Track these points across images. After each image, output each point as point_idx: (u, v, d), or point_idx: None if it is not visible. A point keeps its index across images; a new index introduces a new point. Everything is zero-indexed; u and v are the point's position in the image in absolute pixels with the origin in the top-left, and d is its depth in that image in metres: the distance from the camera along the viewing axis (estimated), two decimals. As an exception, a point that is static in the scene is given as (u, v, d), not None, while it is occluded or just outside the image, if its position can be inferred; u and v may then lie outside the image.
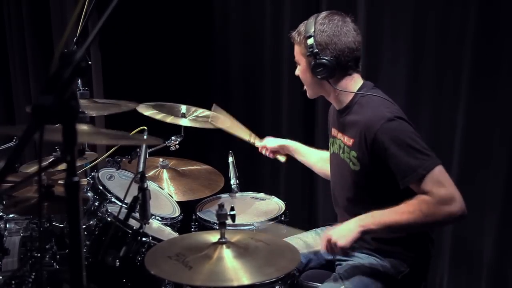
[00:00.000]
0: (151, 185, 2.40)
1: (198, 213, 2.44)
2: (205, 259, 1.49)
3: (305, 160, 2.37)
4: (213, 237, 1.59)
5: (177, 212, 2.45)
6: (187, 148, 2.70)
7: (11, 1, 4.00)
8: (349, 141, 1.88)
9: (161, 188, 2.54)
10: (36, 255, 2.27)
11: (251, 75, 3.34)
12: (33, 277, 2.17)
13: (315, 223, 3.07)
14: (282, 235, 2.18)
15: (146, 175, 1.81)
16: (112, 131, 1.69)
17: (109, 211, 2.11)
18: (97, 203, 2.21)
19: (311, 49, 1.84)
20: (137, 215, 1.80)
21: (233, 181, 2.59)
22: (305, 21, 1.91)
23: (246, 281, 1.40)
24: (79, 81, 2.39)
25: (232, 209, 1.64)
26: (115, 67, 3.47)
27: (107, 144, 2.58)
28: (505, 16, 2.32)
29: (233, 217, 1.65)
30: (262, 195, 2.65)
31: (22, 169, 2.49)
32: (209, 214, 2.43)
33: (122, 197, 2.06)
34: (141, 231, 1.88)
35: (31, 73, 4.01)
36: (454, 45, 2.46)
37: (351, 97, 1.89)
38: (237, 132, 2.45)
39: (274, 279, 1.81)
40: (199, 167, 2.81)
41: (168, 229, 2.32)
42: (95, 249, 2.02)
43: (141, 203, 1.75)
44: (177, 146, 2.62)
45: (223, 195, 2.63)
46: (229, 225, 1.68)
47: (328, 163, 2.16)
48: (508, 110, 2.37)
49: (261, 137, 2.45)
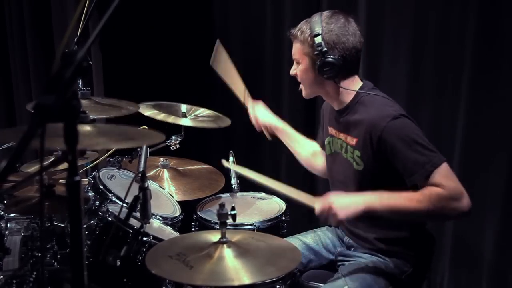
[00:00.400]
0: (152, 185, 2.41)
1: (198, 213, 2.44)
2: (205, 258, 1.49)
3: (292, 145, 2.29)
4: (214, 236, 1.59)
5: (177, 211, 2.45)
6: (187, 147, 2.70)
7: (12, 1, 4.01)
8: (352, 141, 1.87)
9: (161, 187, 2.54)
10: (37, 254, 2.27)
11: (251, 75, 3.33)
12: (34, 276, 2.17)
13: (315, 223, 3.07)
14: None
15: (146, 175, 1.81)
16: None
17: (110, 210, 2.11)
18: (98, 203, 2.22)
19: (319, 48, 1.79)
20: (137, 214, 1.80)
21: (233, 181, 2.59)
22: (307, 19, 1.88)
23: (246, 281, 1.40)
24: (80, 81, 2.39)
25: (232, 209, 1.64)
26: (115, 67, 3.47)
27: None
28: (506, 16, 2.32)
29: (233, 217, 1.65)
30: (262, 194, 2.64)
31: (23, 169, 2.50)
32: (210, 213, 2.43)
33: (123, 197, 2.07)
34: (142, 230, 1.88)
35: (32, 73, 4.01)
36: (454, 45, 2.46)
37: (352, 97, 1.89)
38: (233, 84, 2.32)
39: (274, 279, 1.81)
40: (200, 167, 2.81)
41: (168, 229, 2.33)
42: (96, 248, 2.03)
43: (142, 203, 1.75)
44: (178, 145, 2.62)
45: (224, 195, 2.63)
46: (230, 225, 1.68)
47: (315, 156, 2.15)
48: (508, 110, 2.37)
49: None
